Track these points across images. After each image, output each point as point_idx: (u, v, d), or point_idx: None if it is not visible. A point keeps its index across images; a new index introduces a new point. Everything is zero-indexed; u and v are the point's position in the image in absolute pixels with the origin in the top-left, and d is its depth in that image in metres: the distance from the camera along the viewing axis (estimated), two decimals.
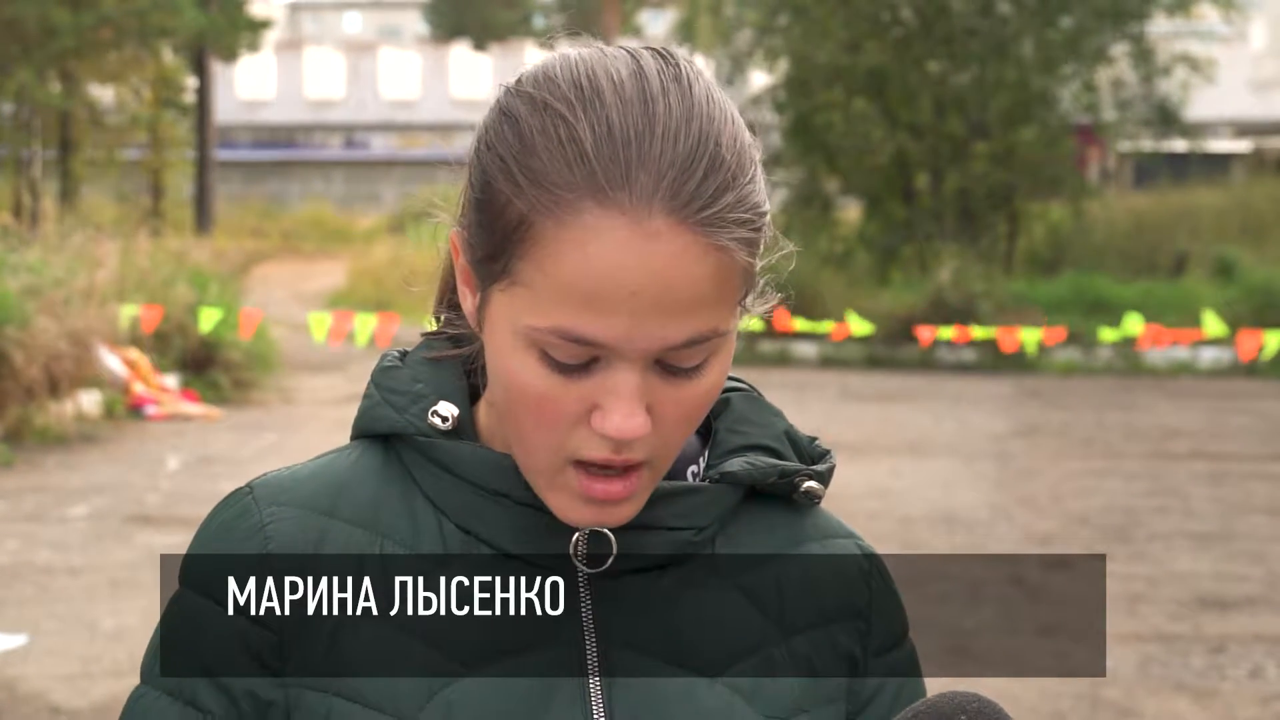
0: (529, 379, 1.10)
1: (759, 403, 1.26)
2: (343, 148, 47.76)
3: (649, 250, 1.05)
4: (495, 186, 1.09)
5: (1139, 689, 6.31)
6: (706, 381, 1.12)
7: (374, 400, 1.22)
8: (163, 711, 1.18)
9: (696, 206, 1.05)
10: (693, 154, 1.06)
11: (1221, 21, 25.00)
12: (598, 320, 1.06)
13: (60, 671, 6.30)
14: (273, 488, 1.21)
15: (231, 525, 1.20)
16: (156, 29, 24.74)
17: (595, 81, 1.08)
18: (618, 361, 1.08)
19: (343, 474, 1.21)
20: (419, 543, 1.18)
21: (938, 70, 22.28)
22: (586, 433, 1.10)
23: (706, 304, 1.08)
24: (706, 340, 1.09)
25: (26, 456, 11.12)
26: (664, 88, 1.08)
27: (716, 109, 1.09)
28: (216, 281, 16.35)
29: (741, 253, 1.08)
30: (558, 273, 1.06)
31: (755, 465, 1.21)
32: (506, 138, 1.09)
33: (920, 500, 10.01)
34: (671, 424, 1.11)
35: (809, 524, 1.26)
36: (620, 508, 1.13)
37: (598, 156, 1.05)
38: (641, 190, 1.05)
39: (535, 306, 1.08)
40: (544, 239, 1.07)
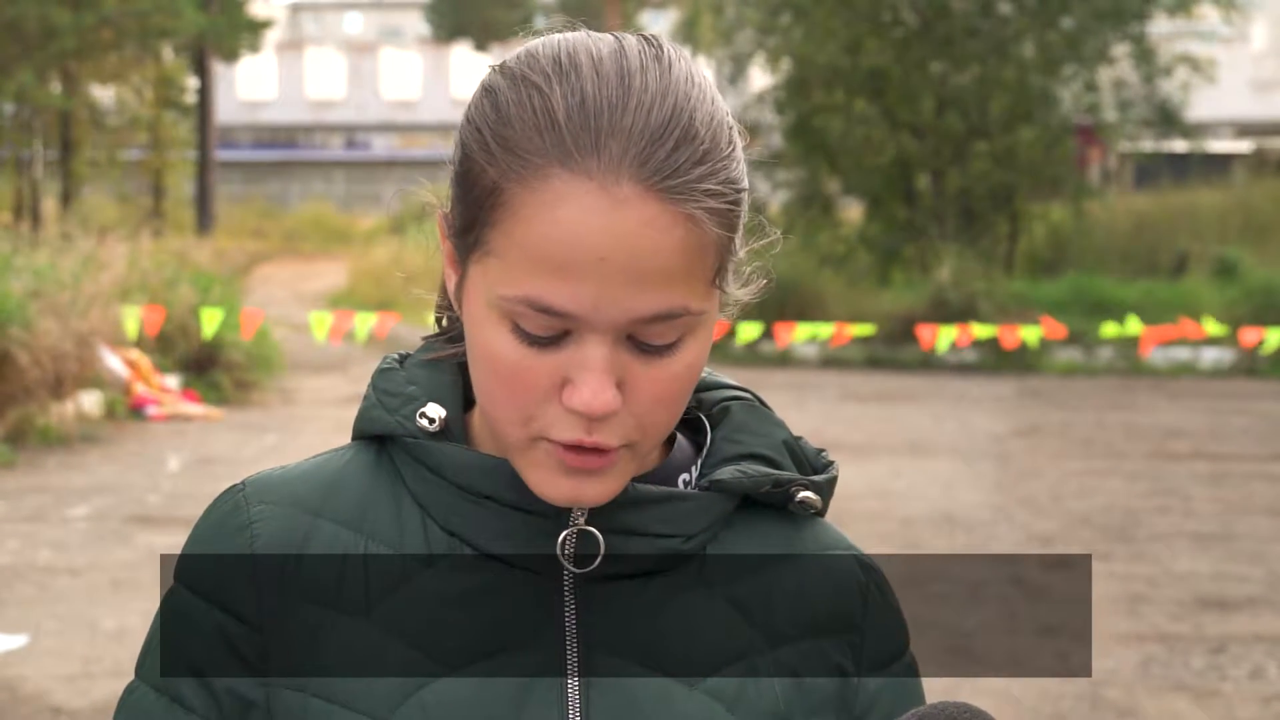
0: (500, 350, 1.09)
1: (760, 412, 1.26)
2: (344, 148, 47.80)
3: (616, 216, 1.05)
4: (472, 158, 1.10)
5: (1140, 689, 6.32)
6: (681, 362, 1.10)
7: (370, 401, 1.22)
8: (150, 707, 1.19)
9: (665, 173, 1.05)
10: (665, 125, 1.06)
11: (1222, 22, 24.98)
12: (565, 288, 1.06)
13: (61, 672, 6.30)
14: (264, 486, 1.21)
15: (221, 522, 1.20)
16: (157, 30, 24.75)
17: (574, 57, 1.09)
18: (588, 334, 1.08)
19: (335, 473, 1.21)
20: (404, 543, 1.18)
21: (939, 70, 22.28)
22: (557, 411, 1.09)
23: (676, 277, 1.07)
24: (677, 317, 1.08)
25: (28, 457, 11.13)
26: (643, 65, 1.09)
27: (695, 88, 1.09)
28: (218, 282, 16.36)
29: (712, 225, 1.07)
30: (526, 239, 1.07)
31: (747, 474, 1.20)
32: (485, 110, 1.10)
33: (921, 500, 10.01)
34: (646, 404, 1.10)
35: (806, 536, 1.24)
36: (598, 482, 1.12)
37: (568, 124, 1.06)
38: (610, 157, 1.05)
39: (505, 275, 1.08)
40: (514, 205, 1.07)
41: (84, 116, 25.85)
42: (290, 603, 1.17)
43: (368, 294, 22.57)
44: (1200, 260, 22.86)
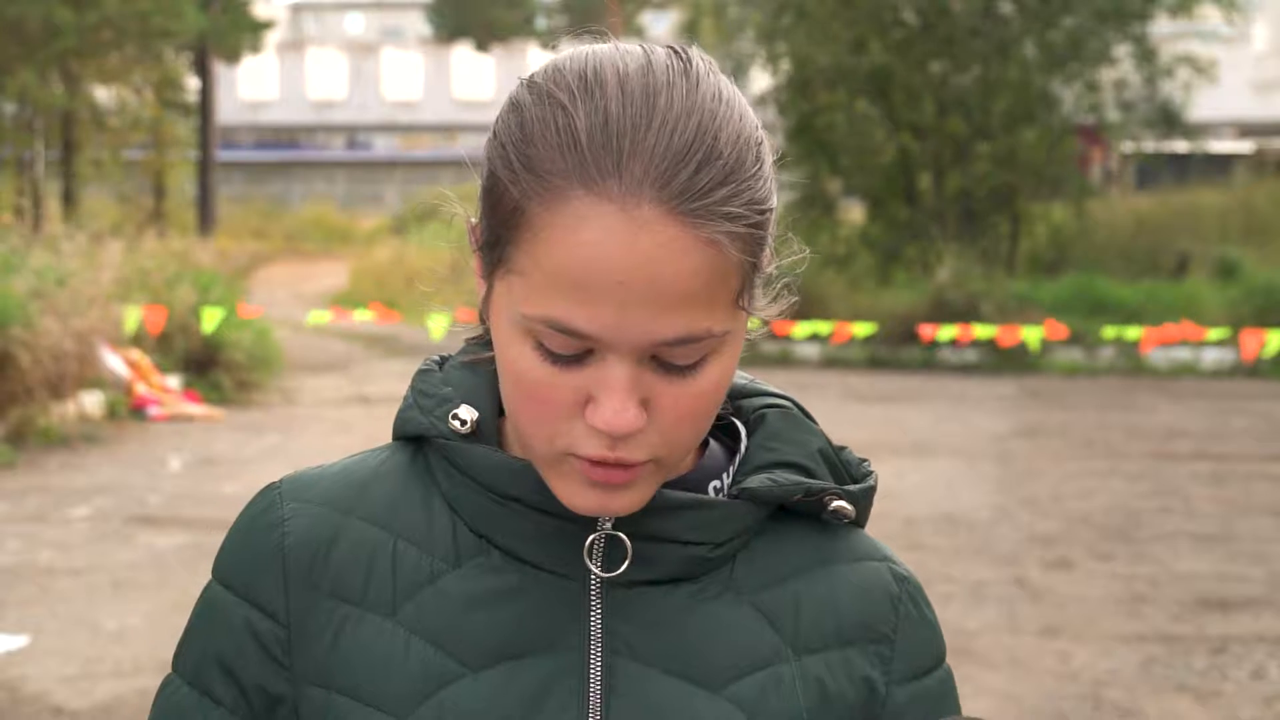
0: (525, 368, 1.10)
1: (795, 419, 1.25)
2: (345, 148, 47.80)
3: (636, 239, 1.04)
4: (496, 174, 1.10)
5: (1141, 689, 6.31)
6: (706, 381, 1.10)
7: (408, 402, 1.23)
8: (182, 700, 1.22)
9: (687, 197, 1.04)
10: (689, 146, 1.05)
11: (1224, 22, 24.94)
12: (585, 310, 1.05)
13: (62, 672, 6.30)
14: (300, 484, 1.23)
15: (256, 519, 1.22)
16: (159, 30, 24.74)
17: (600, 74, 1.08)
18: (610, 354, 1.07)
19: (369, 473, 1.23)
20: (433, 544, 1.18)
21: (940, 71, 22.27)
22: (582, 428, 1.10)
23: (697, 301, 1.06)
24: (700, 340, 1.08)
25: (29, 457, 11.13)
26: (670, 82, 1.08)
27: (722, 105, 1.08)
28: (219, 282, 16.36)
29: (735, 248, 1.06)
30: (548, 260, 1.06)
31: (778, 482, 1.20)
32: (510, 127, 1.10)
33: (922, 501, 10.00)
34: (671, 422, 1.10)
35: (841, 545, 1.24)
36: (623, 495, 1.12)
37: (590, 145, 1.05)
38: (631, 179, 1.04)
39: (529, 295, 1.08)
40: (536, 225, 1.07)
41: (85, 117, 25.82)
42: (318, 600, 1.18)
43: (369, 294, 22.58)
44: (1201, 261, 22.85)
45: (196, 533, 8.67)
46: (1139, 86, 22.62)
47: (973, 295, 18.53)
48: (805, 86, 22.48)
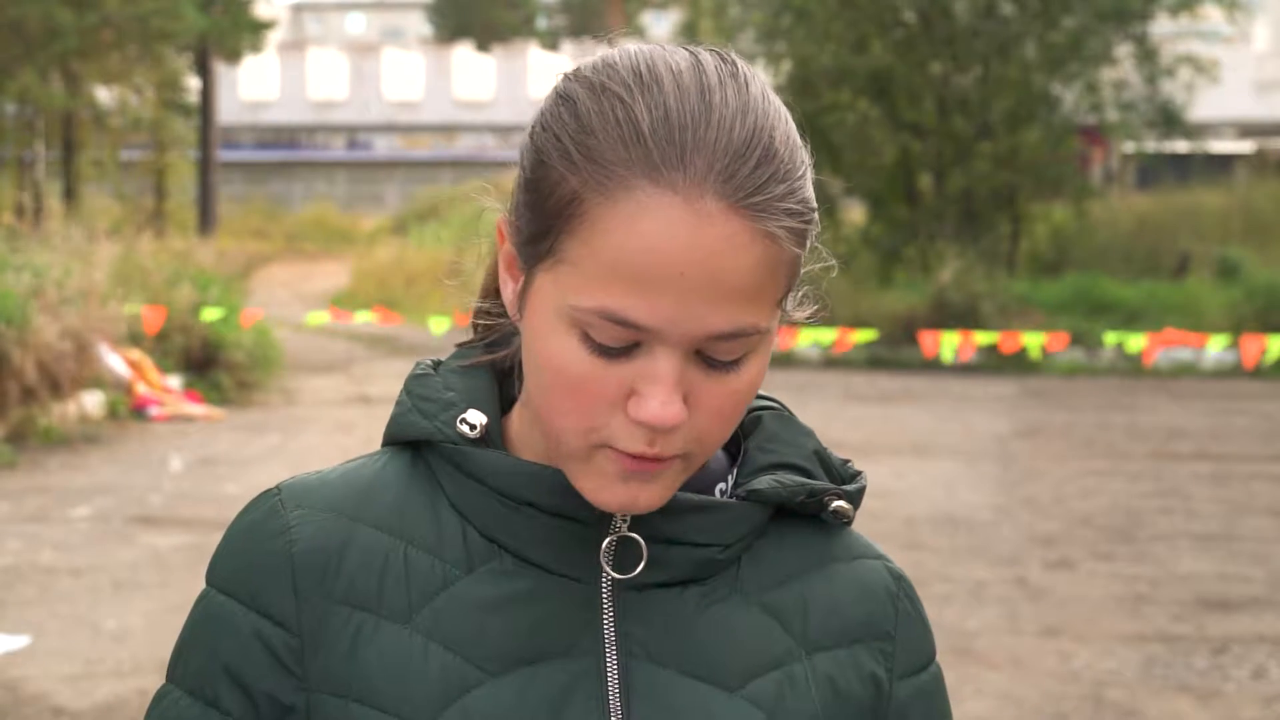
0: (568, 360, 1.09)
1: (790, 421, 1.26)
2: (346, 149, 47.78)
3: (700, 231, 1.05)
4: (548, 164, 1.09)
5: (1142, 689, 6.31)
6: (745, 378, 1.11)
7: (405, 407, 1.22)
8: (184, 712, 1.19)
9: (748, 191, 1.06)
10: (747, 143, 1.06)
11: (1225, 22, 24.95)
12: (643, 301, 1.06)
13: (63, 672, 6.30)
14: (300, 490, 1.21)
15: (258, 526, 1.19)
16: (159, 30, 24.74)
17: (654, 69, 1.09)
18: (659, 347, 1.08)
19: (370, 479, 1.21)
20: (443, 549, 1.18)
21: (941, 71, 22.28)
22: (621, 421, 1.09)
23: (751, 294, 1.07)
24: (748, 335, 1.09)
25: (30, 457, 11.13)
26: (721, 81, 1.09)
27: (771, 106, 1.10)
28: (220, 283, 16.36)
29: (790, 244, 1.09)
30: (606, 249, 1.06)
31: (784, 484, 1.21)
32: (563, 118, 1.10)
33: (923, 501, 10.00)
34: (707, 417, 1.11)
35: (838, 544, 1.25)
36: (652, 488, 1.12)
37: (654, 137, 1.06)
38: (695, 172, 1.05)
39: (581, 286, 1.08)
40: (594, 216, 1.07)
41: (86, 117, 25.85)
42: (331, 607, 1.17)
43: (370, 294, 22.59)
44: (1202, 261, 22.85)
45: (197, 533, 8.67)
46: (1140, 86, 22.63)
47: (974, 295, 18.53)
48: (806, 87, 22.48)
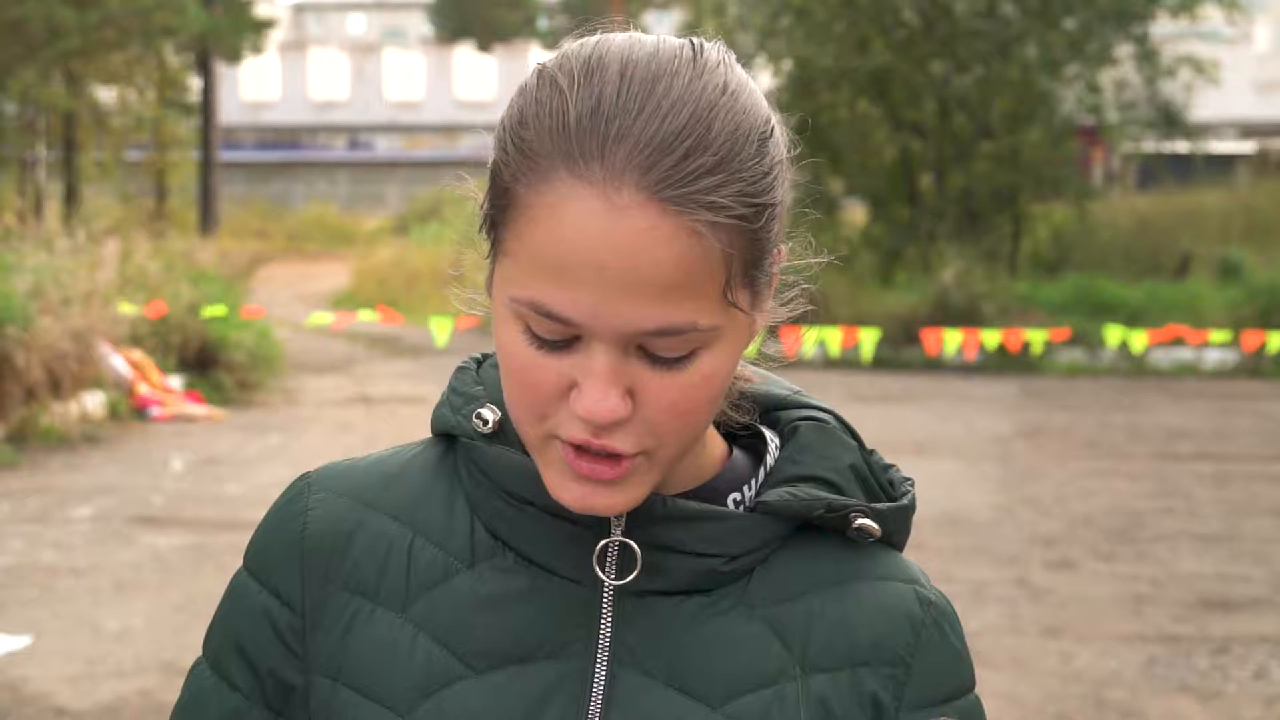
0: (515, 351, 1.09)
1: (829, 433, 1.23)
2: (347, 149, 47.79)
3: (615, 224, 1.02)
4: (496, 155, 1.10)
5: (1143, 690, 6.31)
6: (696, 374, 1.07)
7: (442, 399, 1.24)
8: (204, 683, 1.24)
9: (670, 183, 1.02)
10: (678, 134, 1.03)
11: (1226, 23, 24.93)
12: (565, 294, 1.04)
13: (64, 672, 6.30)
14: (329, 476, 1.24)
15: (283, 508, 1.23)
16: (160, 29, 24.74)
17: (604, 60, 1.07)
18: (595, 341, 1.06)
19: (399, 467, 1.23)
20: (451, 542, 1.18)
21: (941, 71, 22.27)
22: (567, 412, 1.08)
23: (680, 292, 1.04)
24: (685, 333, 1.05)
25: (31, 457, 11.13)
26: (674, 70, 1.07)
27: (725, 96, 1.07)
28: (220, 283, 16.36)
29: (719, 240, 1.04)
30: (532, 241, 1.05)
31: (797, 497, 1.17)
32: (512, 109, 1.10)
33: (924, 501, 9.96)
34: (659, 413, 1.07)
35: (866, 564, 1.21)
36: (611, 493, 1.10)
37: (578, 128, 1.04)
38: (614, 163, 1.03)
39: (516, 277, 1.07)
40: (523, 206, 1.06)
41: (87, 117, 25.85)
42: (333, 591, 1.19)
43: (371, 294, 22.57)
44: (1203, 261, 22.84)
45: (198, 533, 8.67)
46: (1140, 87, 22.61)
47: (975, 296, 18.52)
48: (806, 87, 22.47)
